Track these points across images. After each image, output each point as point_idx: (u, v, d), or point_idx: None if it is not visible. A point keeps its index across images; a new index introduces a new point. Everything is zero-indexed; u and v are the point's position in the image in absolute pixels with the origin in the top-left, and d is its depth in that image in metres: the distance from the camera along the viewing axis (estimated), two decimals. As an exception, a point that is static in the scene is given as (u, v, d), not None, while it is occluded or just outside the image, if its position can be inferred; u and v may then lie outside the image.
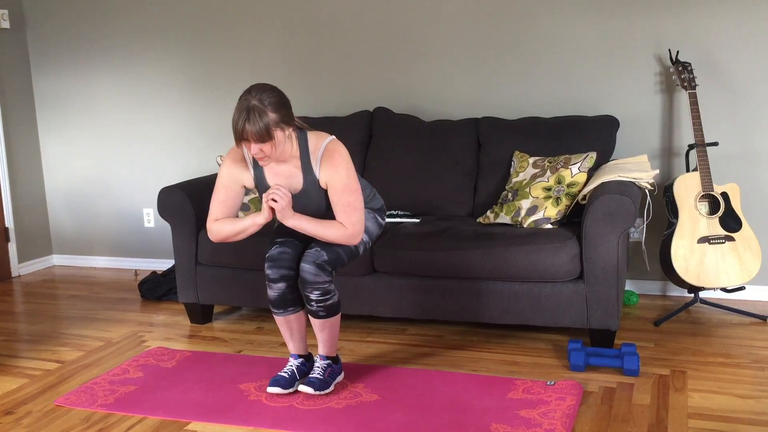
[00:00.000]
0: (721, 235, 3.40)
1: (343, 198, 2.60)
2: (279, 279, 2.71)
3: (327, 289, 2.68)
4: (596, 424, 2.51)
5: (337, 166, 2.59)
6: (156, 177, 4.81)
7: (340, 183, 2.60)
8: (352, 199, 2.61)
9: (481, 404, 2.67)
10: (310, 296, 2.68)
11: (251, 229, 2.65)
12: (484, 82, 4.09)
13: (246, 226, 2.65)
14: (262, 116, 2.43)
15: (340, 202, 2.61)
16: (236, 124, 2.45)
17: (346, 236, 2.61)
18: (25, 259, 4.97)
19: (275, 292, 2.73)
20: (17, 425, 2.64)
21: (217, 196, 2.70)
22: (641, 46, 3.81)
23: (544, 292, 3.14)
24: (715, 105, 3.74)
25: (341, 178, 2.60)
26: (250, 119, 2.43)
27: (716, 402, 2.65)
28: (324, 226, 2.61)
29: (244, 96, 2.47)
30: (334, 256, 2.67)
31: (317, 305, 2.69)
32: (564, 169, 3.40)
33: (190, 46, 4.60)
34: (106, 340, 3.54)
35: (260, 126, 2.42)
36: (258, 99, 2.45)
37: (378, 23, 4.23)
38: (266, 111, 2.44)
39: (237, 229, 2.66)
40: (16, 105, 4.89)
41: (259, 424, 2.57)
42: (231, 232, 2.67)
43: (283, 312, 2.78)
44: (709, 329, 3.41)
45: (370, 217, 2.82)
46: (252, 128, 2.43)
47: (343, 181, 2.60)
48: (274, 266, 2.70)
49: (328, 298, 2.70)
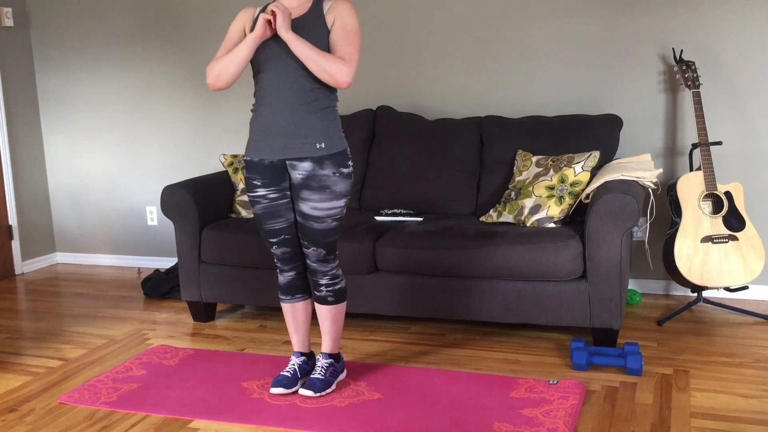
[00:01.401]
0: (724, 234, 3.40)
1: (349, 37, 2.55)
2: (290, 269, 2.80)
3: (335, 273, 2.77)
4: (599, 423, 2.51)
5: (348, 10, 2.58)
6: (159, 175, 4.81)
7: (350, 23, 2.57)
8: (356, 38, 2.57)
9: (483, 403, 2.66)
10: (320, 282, 2.75)
11: (243, 50, 2.53)
12: (487, 81, 4.09)
13: (238, 48, 2.55)
14: None
15: (344, 38, 2.55)
16: None
17: (341, 69, 2.50)
18: (29, 257, 4.98)
19: (285, 278, 2.81)
20: (21, 422, 2.65)
21: (222, 46, 2.65)
22: (645, 45, 3.80)
23: (547, 291, 3.13)
24: (718, 104, 3.73)
25: (350, 18, 2.57)
26: None
27: (719, 401, 2.65)
28: (321, 53, 2.50)
29: None
30: (328, 246, 2.71)
31: (327, 290, 2.75)
32: (567, 168, 3.40)
33: (193, 44, 4.60)
34: (109, 338, 3.54)
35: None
36: None
37: (381, 22, 4.22)
38: None
39: (229, 56, 2.56)
40: (20, 103, 4.90)
41: (262, 422, 2.58)
42: (225, 61, 2.56)
43: (290, 299, 2.83)
44: (713, 329, 3.40)
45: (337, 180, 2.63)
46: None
47: (351, 21, 2.57)
48: (282, 263, 2.80)
49: (337, 282, 2.77)
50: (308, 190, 2.63)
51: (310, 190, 2.63)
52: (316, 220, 2.65)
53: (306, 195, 2.64)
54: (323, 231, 2.67)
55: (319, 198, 2.63)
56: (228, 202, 3.90)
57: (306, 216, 2.66)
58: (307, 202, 2.64)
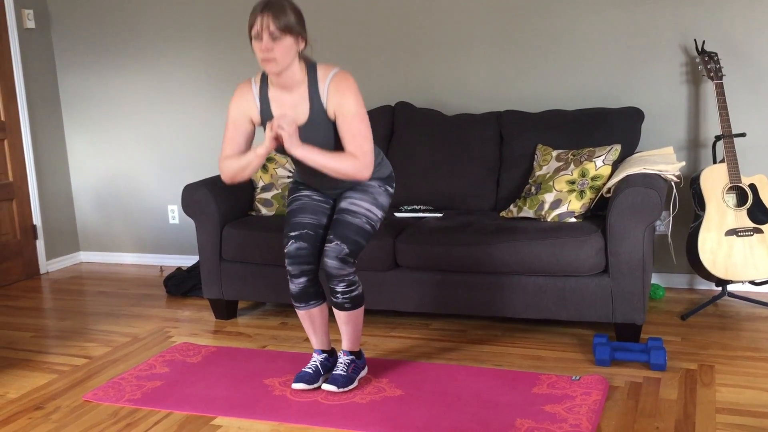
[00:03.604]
0: (749, 227, 3.35)
1: (353, 125, 2.53)
2: (300, 274, 2.72)
3: (352, 280, 2.70)
4: (622, 419, 2.49)
5: (347, 91, 2.54)
6: (180, 174, 4.84)
7: (350, 110, 2.53)
8: (363, 127, 2.54)
9: (505, 399, 2.65)
10: (336, 288, 2.69)
11: (255, 162, 2.59)
12: (506, 76, 4.06)
13: (249, 159, 2.60)
14: (283, 11, 2.45)
15: (350, 131, 2.53)
16: (253, 15, 2.46)
17: (357, 167, 2.53)
18: (53, 256, 5.04)
19: (296, 287, 2.75)
20: (47, 420, 2.68)
21: (226, 133, 2.68)
22: (666, 36, 3.76)
23: (569, 286, 3.11)
24: (742, 95, 3.68)
25: (351, 105, 2.53)
26: (270, 9, 2.43)
27: (745, 397, 2.62)
28: (334, 158, 2.53)
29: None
30: (354, 246, 2.66)
31: (343, 297, 2.70)
32: (588, 162, 3.37)
33: (213, 44, 4.62)
34: (132, 336, 3.58)
35: (279, 18, 2.43)
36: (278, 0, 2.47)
37: (399, 17, 4.21)
38: (287, 9, 2.46)
39: (242, 164, 2.61)
40: (43, 104, 4.95)
41: (284, 419, 2.59)
42: (237, 168, 2.62)
43: (305, 306, 2.79)
44: (738, 323, 3.36)
45: (381, 192, 2.75)
46: (270, 19, 2.42)
47: (352, 109, 2.53)
48: (293, 263, 2.71)
49: (354, 289, 2.71)
50: (352, 191, 2.75)
51: (354, 191, 2.74)
52: (351, 214, 2.68)
53: (349, 194, 2.75)
54: (355, 226, 2.67)
55: (360, 197, 2.72)
56: (248, 199, 3.91)
57: (343, 210, 2.70)
58: (348, 199, 2.73)
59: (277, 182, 3.90)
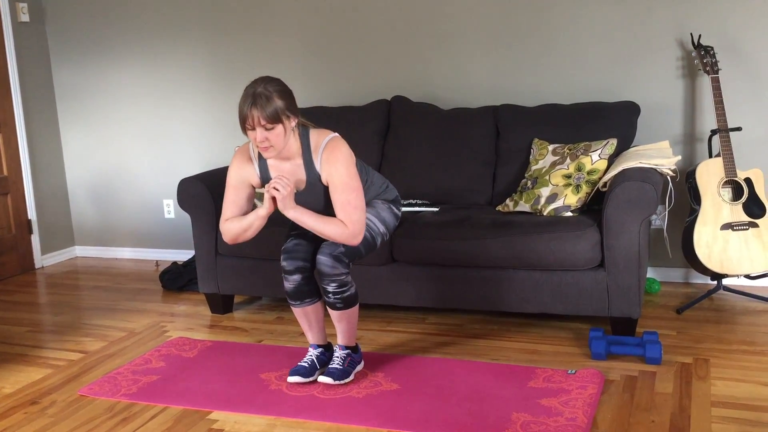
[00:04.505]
0: (744, 221, 3.36)
1: (343, 196, 2.59)
2: (294, 271, 2.72)
3: (344, 281, 2.69)
4: (618, 412, 2.50)
5: (337, 162, 2.59)
6: (176, 168, 4.83)
7: (340, 180, 2.59)
8: (352, 197, 2.60)
9: (501, 393, 2.66)
10: (327, 288, 2.68)
11: (257, 223, 2.66)
12: (503, 70, 4.06)
13: (251, 221, 2.66)
14: (270, 101, 2.47)
15: (339, 200, 2.60)
16: (242, 110, 2.49)
17: (345, 235, 2.59)
18: (48, 250, 5.03)
19: (291, 284, 2.75)
20: (42, 415, 2.68)
21: (227, 197, 2.74)
22: (662, 30, 3.76)
23: (565, 281, 3.12)
24: (738, 89, 3.68)
25: (341, 176, 2.59)
26: (257, 103, 2.46)
27: (740, 390, 2.62)
28: (324, 222, 2.60)
29: (250, 86, 2.51)
30: (351, 248, 2.67)
31: (334, 297, 2.70)
32: (584, 156, 3.37)
33: (208, 38, 4.61)
34: (128, 331, 3.57)
35: (267, 110, 2.46)
36: (263, 87, 2.49)
37: (395, 11, 4.20)
38: (273, 97, 2.48)
39: (243, 225, 2.67)
40: (37, 98, 4.93)
41: (280, 414, 2.59)
42: (239, 230, 2.68)
43: (300, 303, 2.79)
44: (733, 317, 3.37)
45: (385, 208, 2.82)
46: (259, 112, 2.46)
47: (342, 179, 2.59)
48: (289, 258, 2.72)
49: (346, 289, 2.70)
50: None
51: None
52: None
53: None
54: None
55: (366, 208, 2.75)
56: (244, 194, 3.90)
57: None
58: None
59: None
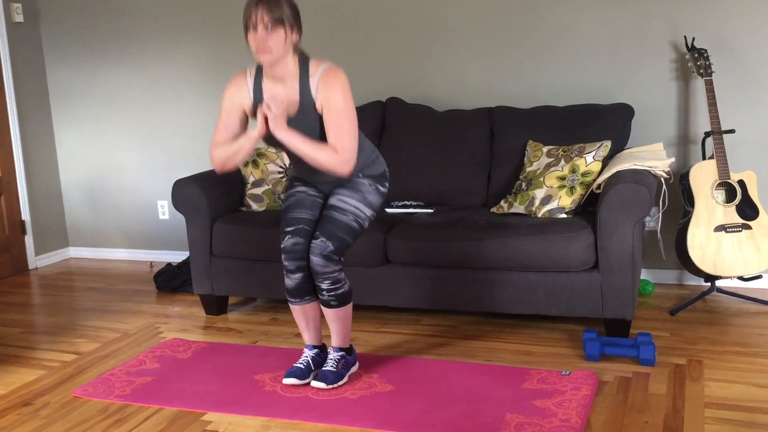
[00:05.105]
0: (738, 223, 3.37)
1: (337, 119, 2.55)
2: (296, 270, 2.73)
3: (337, 278, 2.69)
4: (611, 413, 2.51)
5: (335, 87, 2.56)
6: (170, 169, 4.83)
7: (336, 105, 2.55)
8: (347, 123, 2.56)
9: (495, 394, 2.66)
10: (321, 286, 2.69)
11: (247, 146, 2.61)
12: (497, 72, 4.07)
13: (241, 143, 2.62)
14: (278, 4, 2.48)
15: (333, 124, 2.56)
16: (248, 7, 2.48)
17: (336, 162, 2.54)
18: (42, 251, 5.01)
19: (293, 282, 2.75)
20: (35, 416, 2.67)
21: (219, 120, 2.71)
22: (656, 33, 3.77)
23: (559, 282, 3.12)
24: (731, 92, 3.70)
25: (337, 100, 2.55)
26: (265, 2, 2.47)
27: (733, 391, 2.63)
28: (315, 147, 2.55)
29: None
30: (339, 244, 2.67)
31: (328, 294, 2.70)
32: (578, 158, 3.38)
33: (203, 38, 4.60)
34: (122, 332, 3.56)
35: (273, 11, 2.46)
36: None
37: (390, 13, 4.21)
38: (282, 3, 2.49)
39: (234, 149, 2.64)
40: (31, 98, 4.92)
41: (275, 415, 2.58)
42: (229, 153, 2.65)
43: (299, 301, 2.79)
44: (726, 318, 3.38)
45: (371, 190, 2.77)
46: (264, 11, 2.46)
47: (339, 104, 2.55)
48: (290, 258, 2.72)
49: (339, 286, 2.71)
50: (342, 188, 2.76)
51: (343, 188, 2.75)
52: (339, 211, 2.69)
53: (339, 191, 2.76)
54: (342, 224, 2.67)
55: (349, 194, 2.73)
56: (239, 195, 3.90)
57: (331, 207, 2.72)
58: (337, 195, 2.74)
59: (267, 178, 3.89)
